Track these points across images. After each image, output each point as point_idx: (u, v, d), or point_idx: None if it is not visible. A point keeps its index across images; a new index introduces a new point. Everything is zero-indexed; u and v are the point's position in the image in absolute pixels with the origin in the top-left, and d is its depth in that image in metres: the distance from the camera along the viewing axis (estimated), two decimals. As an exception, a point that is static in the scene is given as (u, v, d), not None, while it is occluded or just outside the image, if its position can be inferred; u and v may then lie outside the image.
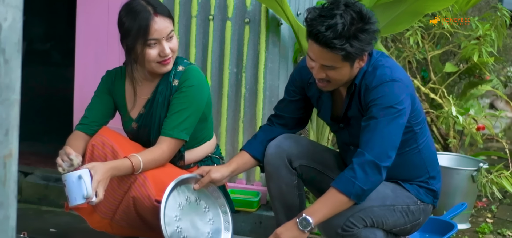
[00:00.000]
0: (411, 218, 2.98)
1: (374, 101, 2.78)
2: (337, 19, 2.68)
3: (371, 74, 2.82)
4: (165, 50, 2.95)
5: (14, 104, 1.61)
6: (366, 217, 2.84)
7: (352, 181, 2.73)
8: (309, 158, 3.04)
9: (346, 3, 2.72)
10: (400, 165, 2.93)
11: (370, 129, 2.76)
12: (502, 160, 4.44)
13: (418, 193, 2.99)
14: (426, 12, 3.93)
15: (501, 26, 4.36)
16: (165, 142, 2.97)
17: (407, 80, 2.84)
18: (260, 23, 3.81)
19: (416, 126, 2.91)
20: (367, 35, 2.73)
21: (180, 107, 2.99)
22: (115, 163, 2.87)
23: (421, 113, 2.94)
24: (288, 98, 3.08)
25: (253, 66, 3.85)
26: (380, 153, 2.74)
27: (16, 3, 1.59)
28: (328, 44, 2.70)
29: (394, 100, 2.76)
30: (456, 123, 4.27)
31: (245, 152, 3.06)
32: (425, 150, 2.97)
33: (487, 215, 4.20)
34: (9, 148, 1.61)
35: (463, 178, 3.94)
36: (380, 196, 2.88)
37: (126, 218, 3.01)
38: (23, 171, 4.25)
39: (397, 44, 4.63)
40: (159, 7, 2.96)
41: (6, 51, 1.57)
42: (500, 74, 5.22)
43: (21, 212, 2.60)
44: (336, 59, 2.73)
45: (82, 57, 4.12)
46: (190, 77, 3.01)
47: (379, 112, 2.76)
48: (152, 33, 2.93)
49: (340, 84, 2.85)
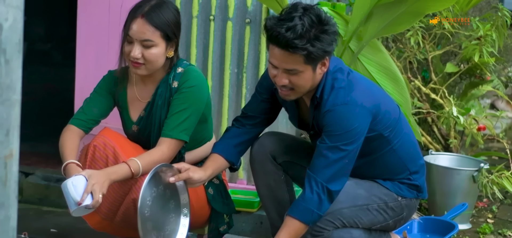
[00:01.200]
0: (391, 214, 2.99)
1: (326, 127, 2.79)
2: (296, 21, 2.69)
3: (327, 92, 2.81)
4: (133, 52, 2.93)
5: (15, 105, 1.61)
6: (335, 219, 2.86)
7: (310, 210, 2.77)
8: (292, 154, 3.06)
9: (305, 7, 2.74)
10: (376, 167, 2.96)
11: (322, 153, 2.78)
12: (503, 160, 4.44)
13: (399, 190, 3.00)
14: (427, 13, 3.93)
15: (502, 27, 4.35)
16: (165, 142, 2.97)
17: (362, 96, 2.81)
18: (261, 23, 3.81)
19: (386, 131, 2.90)
20: (328, 36, 2.72)
21: (179, 108, 2.98)
22: (113, 168, 2.86)
23: (391, 115, 2.92)
24: (260, 99, 3.06)
25: (254, 67, 3.85)
26: (331, 179, 2.78)
27: (17, 3, 1.59)
28: (289, 45, 2.69)
29: (346, 127, 2.76)
30: (457, 123, 4.27)
31: (218, 155, 3.04)
32: (401, 149, 2.96)
33: (488, 215, 4.20)
34: (10, 148, 1.61)
35: (464, 178, 3.94)
36: (350, 197, 2.90)
37: (126, 220, 3.01)
38: (24, 171, 4.24)
39: (398, 44, 4.63)
40: (153, 13, 2.93)
41: (7, 51, 1.57)
42: (501, 74, 5.22)
43: (22, 213, 2.60)
44: (298, 61, 2.72)
45: (83, 57, 4.12)
46: (190, 78, 3.01)
47: (331, 139, 2.77)
48: (130, 29, 2.95)
49: (303, 91, 2.83)
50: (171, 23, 2.96)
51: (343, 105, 2.77)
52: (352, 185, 2.91)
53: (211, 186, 3.16)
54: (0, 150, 1.59)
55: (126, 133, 3.17)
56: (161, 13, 2.94)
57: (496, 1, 5.33)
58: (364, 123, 2.79)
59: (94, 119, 3.08)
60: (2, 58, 1.56)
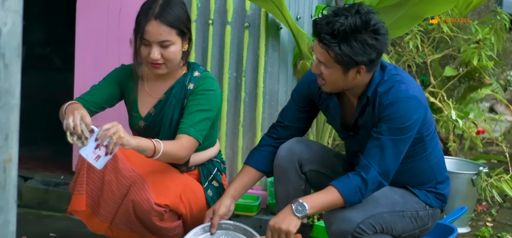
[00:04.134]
0: (419, 223, 2.98)
1: (386, 118, 2.77)
2: (339, 18, 2.68)
3: (386, 88, 2.79)
4: (152, 54, 2.94)
5: (14, 109, 1.61)
6: (376, 223, 2.84)
7: (357, 191, 2.76)
8: (319, 163, 3.04)
9: (359, 10, 2.70)
10: (407, 173, 2.95)
11: (380, 145, 2.77)
12: (502, 163, 4.44)
13: (427, 198, 2.99)
14: (426, 16, 3.94)
15: (501, 30, 4.36)
16: (184, 138, 2.95)
17: (421, 95, 2.83)
18: (260, 27, 3.81)
19: (427, 137, 2.90)
20: (361, 46, 2.68)
21: (197, 108, 2.99)
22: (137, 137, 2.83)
23: (432, 123, 2.94)
24: (296, 107, 3.06)
25: (252, 71, 3.85)
26: (386, 172, 2.78)
27: (16, 8, 1.59)
28: (320, 36, 2.71)
29: (407, 121, 2.76)
30: (456, 127, 4.27)
31: (251, 167, 3.06)
32: (432, 157, 2.97)
33: (487, 218, 4.20)
34: (9, 152, 1.61)
35: (463, 181, 3.94)
36: (389, 201, 2.89)
37: (125, 222, 3.01)
38: (23, 176, 4.24)
39: (396, 48, 4.63)
40: (164, 12, 2.94)
41: (6, 56, 1.57)
42: (499, 78, 5.22)
43: (21, 217, 2.59)
44: (327, 57, 2.73)
45: (82, 62, 4.12)
46: (208, 83, 3.03)
47: (391, 131, 2.76)
48: (145, 33, 2.94)
49: (335, 88, 2.84)
50: (183, 18, 2.99)
51: (406, 98, 2.76)
52: (389, 190, 2.90)
53: (210, 188, 3.16)
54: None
55: (131, 128, 3.17)
56: (172, 10, 2.96)
57: (495, 4, 5.33)
58: (421, 117, 2.80)
59: (97, 103, 3.07)
60: (1, 63, 1.56)
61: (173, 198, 2.99)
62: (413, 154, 2.90)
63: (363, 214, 2.80)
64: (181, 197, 3.02)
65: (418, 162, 2.95)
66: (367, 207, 2.82)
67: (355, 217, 2.79)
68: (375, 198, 2.86)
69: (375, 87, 2.80)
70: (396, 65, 2.93)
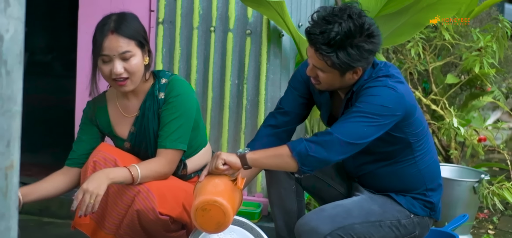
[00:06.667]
0: (403, 231, 2.94)
1: (361, 97, 2.75)
2: (334, 27, 2.66)
3: (370, 79, 2.79)
4: (115, 68, 2.91)
5: (16, 116, 1.61)
6: (346, 234, 2.80)
7: (303, 141, 2.73)
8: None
9: (351, 14, 2.69)
10: (394, 176, 2.93)
11: (345, 117, 2.74)
12: (504, 171, 4.44)
13: (412, 206, 2.95)
14: (428, 24, 3.94)
15: (503, 38, 4.36)
16: (161, 153, 2.98)
17: (408, 93, 2.80)
18: (262, 34, 3.81)
19: (413, 137, 2.86)
20: (358, 51, 2.68)
21: (170, 118, 2.99)
22: (111, 169, 2.87)
23: (421, 125, 2.88)
24: (297, 93, 3.04)
25: (254, 78, 3.85)
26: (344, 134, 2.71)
27: (18, 14, 1.59)
28: (316, 47, 2.70)
29: (380, 102, 2.71)
30: (457, 134, 4.27)
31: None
32: (422, 162, 2.93)
33: (489, 226, 4.20)
34: (11, 159, 1.61)
35: (464, 189, 3.93)
36: (363, 212, 2.86)
37: (130, 232, 3.00)
38: (24, 182, 4.23)
39: (398, 55, 4.63)
40: (121, 25, 2.92)
41: (8, 62, 1.58)
42: (501, 85, 5.22)
43: (22, 224, 2.60)
44: (323, 64, 2.73)
45: (84, 68, 4.11)
46: (175, 87, 3.01)
47: (361, 105, 2.72)
48: (104, 49, 2.92)
49: (331, 87, 2.84)
50: (140, 30, 2.98)
51: (384, 87, 2.74)
52: (366, 200, 2.89)
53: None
54: (1, 161, 1.59)
55: None
56: (128, 22, 2.95)
57: (497, 12, 5.33)
58: (398, 111, 2.74)
59: (85, 153, 3.07)
60: (3, 69, 1.56)
61: (177, 208, 2.98)
62: (397, 154, 2.88)
63: (331, 225, 2.77)
64: (184, 205, 3.02)
65: (405, 164, 2.92)
66: (336, 219, 2.80)
67: (322, 229, 2.76)
68: (347, 209, 2.84)
69: (363, 84, 2.79)
70: (387, 62, 2.90)
